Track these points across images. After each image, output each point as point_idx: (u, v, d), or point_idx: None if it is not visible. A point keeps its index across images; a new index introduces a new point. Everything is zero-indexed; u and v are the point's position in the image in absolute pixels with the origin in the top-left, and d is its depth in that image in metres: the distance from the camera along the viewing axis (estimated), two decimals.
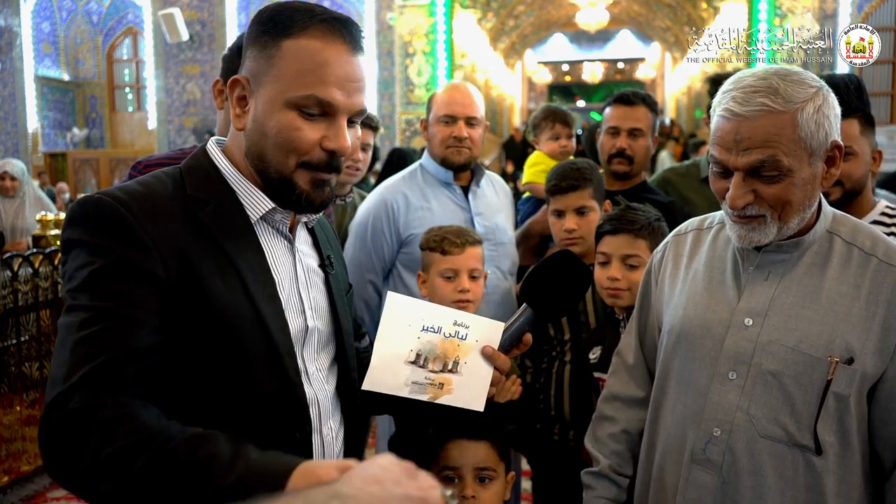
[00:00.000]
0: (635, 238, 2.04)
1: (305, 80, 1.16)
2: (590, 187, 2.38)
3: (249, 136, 1.21)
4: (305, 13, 1.18)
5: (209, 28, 12.63)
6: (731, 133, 1.34)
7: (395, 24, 12.02)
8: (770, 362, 1.37)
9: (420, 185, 2.62)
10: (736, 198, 1.36)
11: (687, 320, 1.49)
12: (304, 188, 1.20)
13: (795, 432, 1.36)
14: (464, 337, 1.31)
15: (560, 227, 2.39)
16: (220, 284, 1.14)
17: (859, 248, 1.40)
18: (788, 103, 1.31)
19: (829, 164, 1.37)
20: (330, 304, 1.34)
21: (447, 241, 2.13)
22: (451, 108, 2.54)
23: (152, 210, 1.14)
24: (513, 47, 20.93)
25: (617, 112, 2.76)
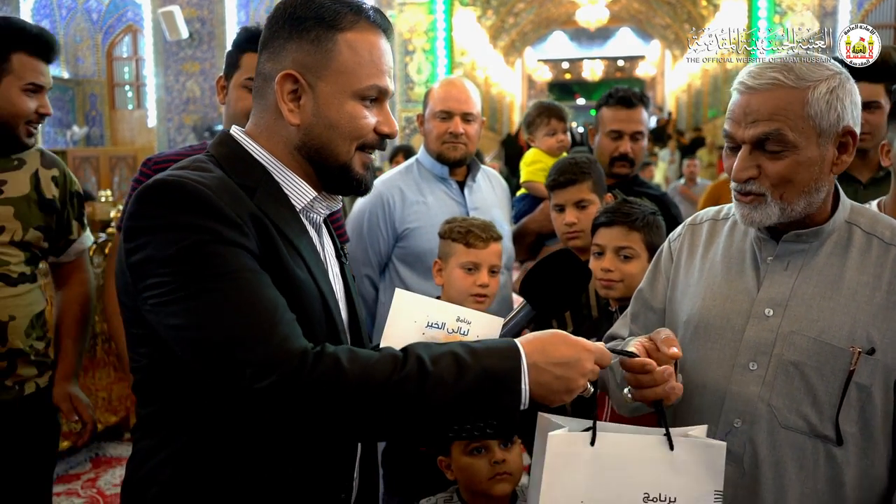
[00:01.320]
0: (630, 230, 2.06)
1: (367, 71, 1.23)
2: (588, 181, 2.40)
3: (310, 129, 1.23)
4: (346, 5, 1.24)
5: (209, 26, 12.64)
6: (742, 106, 1.35)
7: (394, 21, 12.02)
8: (791, 353, 1.36)
9: (416, 179, 2.63)
10: (739, 170, 1.36)
11: (706, 311, 1.48)
12: (359, 172, 1.28)
13: (817, 423, 1.34)
14: (465, 332, 1.32)
15: (561, 222, 2.42)
16: (294, 266, 1.18)
17: (879, 237, 1.39)
18: (801, 80, 1.31)
19: (842, 151, 1.36)
20: (346, 292, 1.38)
21: (472, 234, 2.14)
22: (447, 104, 2.55)
23: (228, 191, 1.15)
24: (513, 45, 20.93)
25: (619, 115, 2.75)
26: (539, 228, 2.78)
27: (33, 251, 2.13)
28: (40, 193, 2.13)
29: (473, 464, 1.79)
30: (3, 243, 2.05)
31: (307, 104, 1.22)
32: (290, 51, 1.22)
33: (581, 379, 1.15)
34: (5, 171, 2.09)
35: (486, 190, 2.71)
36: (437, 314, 1.30)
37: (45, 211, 2.13)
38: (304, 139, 1.24)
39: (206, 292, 1.07)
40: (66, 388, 2.21)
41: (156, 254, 1.09)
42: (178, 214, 1.09)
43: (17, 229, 2.07)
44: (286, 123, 1.24)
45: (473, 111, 2.57)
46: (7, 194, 2.06)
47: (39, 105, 2.09)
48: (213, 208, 1.10)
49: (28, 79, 2.05)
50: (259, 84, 1.28)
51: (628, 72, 27.97)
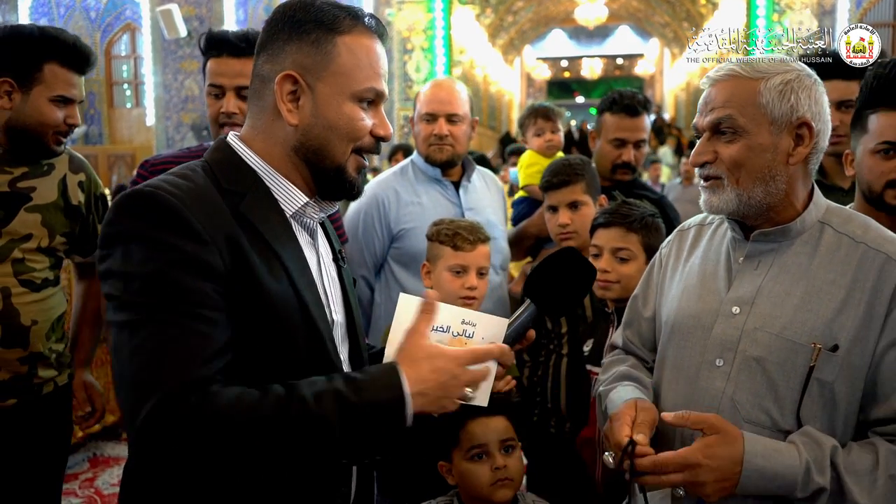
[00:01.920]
0: (627, 232, 2.06)
1: (364, 73, 1.26)
2: (582, 182, 2.41)
3: (308, 130, 1.25)
4: (343, 10, 1.26)
5: (207, 24, 12.61)
6: (703, 98, 1.46)
7: (393, 19, 12.00)
8: (755, 349, 1.39)
9: (411, 180, 2.62)
10: (696, 154, 1.45)
11: (680, 311, 1.53)
12: (353, 174, 1.29)
13: (779, 418, 1.37)
14: (470, 335, 1.31)
15: (555, 223, 2.43)
16: (269, 275, 1.18)
17: (849, 236, 1.41)
18: (756, 72, 1.40)
19: (798, 143, 1.40)
20: (344, 297, 1.39)
21: (460, 236, 2.13)
22: (431, 106, 2.54)
23: (203, 202, 1.15)
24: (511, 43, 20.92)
25: (623, 123, 2.74)
26: (538, 232, 2.78)
27: (57, 255, 2.16)
28: (67, 200, 2.15)
29: (474, 470, 1.79)
30: (30, 250, 2.07)
31: (306, 105, 1.24)
32: (289, 52, 1.24)
33: (459, 389, 1.20)
34: (35, 177, 2.10)
35: (482, 190, 2.71)
36: (441, 317, 1.28)
37: (70, 217, 2.16)
38: (301, 139, 1.25)
39: (139, 325, 1.08)
40: (81, 376, 2.32)
41: (117, 267, 1.11)
42: (146, 228, 1.11)
43: (43, 236, 2.09)
44: (284, 124, 1.25)
45: (459, 112, 2.54)
46: (36, 202, 2.08)
47: (68, 115, 2.09)
48: (180, 222, 1.11)
49: (58, 90, 2.06)
50: (256, 86, 1.28)
51: (627, 70, 27.97)
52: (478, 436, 1.80)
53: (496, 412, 1.80)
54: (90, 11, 13.93)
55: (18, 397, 2.05)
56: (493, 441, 1.79)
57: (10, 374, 2.03)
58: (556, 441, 2.26)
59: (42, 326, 2.08)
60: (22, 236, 2.05)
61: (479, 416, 1.79)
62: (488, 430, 1.80)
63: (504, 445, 1.81)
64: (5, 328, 2.01)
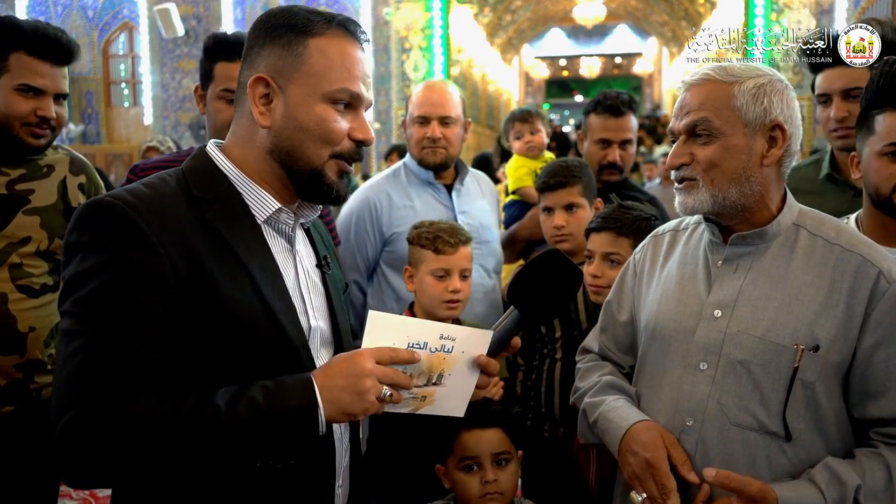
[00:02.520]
0: (618, 236, 2.06)
1: (337, 74, 1.24)
2: (579, 184, 2.40)
3: (280, 132, 1.25)
4: (319, 15, 1.26)
5: (205, 23, 12.59)
6: (679, 102, 1.49)
7: (391, 19, 11.99)
8: (738, 351, 1.41)
9: (403, 183, 2.60)
10: (673, 156, 1.47)
11: (660, 316, 1.54)
12: (332, 179, 1.27)
13: (765, 419, 1.39)
14: (450, 350, 1.27)
15: (549, 224, 2.42)
16: (231, 283, 1.18)
17: (824, 238, 1.44)
18: (729, 76, 1.43)
19: (771, 145, 1.43)
20: (328, 303, 1.38)
21: (441, 239, 2.11)
22: (423, 109, 2.52)
23: (162, 212, 1.16)
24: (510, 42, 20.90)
25: (607, 123, 2.74)
26: (529, 235, 2.77)
27: (56, 259, 2.11)
28: (67, 202, 2.11)
29: (465, 480, 1.78)
30: (28, 254, 2.04)
31: (277, 107, 1.24)
32: (263, 57, 1.25)
33: (365, 380, 1.16)
34: (34, 179, 2.06)
35: (475, 193, 2.69)
36: (417, 334, 1.25)
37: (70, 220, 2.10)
38: (274, 142, 1.25)
39: (75, 336, 1.11)
40: None
41: (69, 276, 1.14)
42: (99, 238, 1.13)
43: (42, 239, 2.06)
44: (259, 128, 1.25)
45: (452, 114, 2.53)
46: (34, 204, 2.04)
47: (38, 107, 2.00)
48: (133, 233, 1.12)
49: (23, 79, 1.98)
50: (238, 93, 1.30)
51: (626, 69, 27.96)
52: (470, 447, 1.78)
53: (492, 424, 1.79)
54: (87, 10, 13.90)
55: (16, 404, 2.03)
56: (486, 454, 1.78)
57: (7, 381, 2.01)
58: (550, 446, 2.25)
59: (40, 333, 2.05)
60: (20, 240, 2.02)
61: (474, 428, 1.77)
62: (481, 443, 1.78)
63: (497, 458, 1.78)
64: (2, 334, 1.99)
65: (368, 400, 1.16)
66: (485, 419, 1.80)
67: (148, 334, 1.12)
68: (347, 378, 1.16)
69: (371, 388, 1.16)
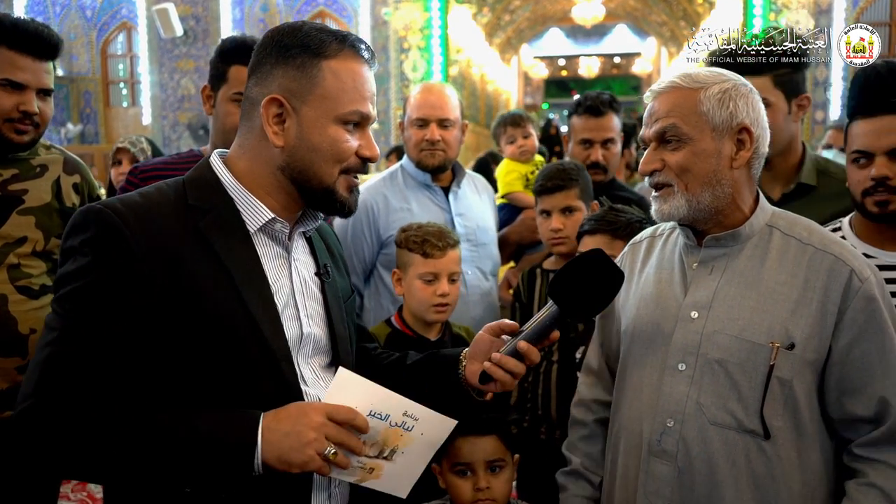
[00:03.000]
0: (612, 239, 2.07)
1: (349, 97, 1.28)
2: (576, 188, 2.41)
3: (293, 152, 1.28)
4: (331, 35, 1.29)
5: (203, 23, 12.59)
6: (648, 110, 1.52)
7: (389, 19, 11.98)
8: (715, 351, 1.43)
9: (400, 186, 2.61)
10: (644, 163, 1.51)
11: (639, 319, 1.56)
12: (344, 195, 1.32)
13: (743, 418, 1.41)
14: (409, 428, 1.25)
15: (547, 227, 2.42)
16: (215, 291, 1.20)
17: (797, 238, 1.47)
18: (695, 83, 1.47)
19: (739, 147, 1.47)
20: (326, 311, 1.39)
21: (429, 243, 2.10)
22: (422, 111, 2.52)
23: (149, 220, 1.20)
24: (508, 42, 20.89)
25: (588, 123, 2.77)
26: (519, 239, 2.78)
27: (54, 260, 2.10)
28: (61, 202, 2.10)
29: (458, 484, 1.78)
30: (25, 254, 2.03)
31: (291, 127, 1.27)
32: (276, 76, 1.28)
33: (310, 432, 1.13)
34: (27, 179, 2.05)
35: (472, 195, 2.69)
36: (382, 404, 1.22)
37: (65, 219, 2.09)
38: (287, 161, 1.28)
39: (51, 329, 1.17)
40: None
41: (60, 275, 1.20)
42: (86, 243, 1.18)
43: (39, 239, 2.05)
44: (270, 145, 1.28)
45: (450, 117, 2.53)
46: (28, 204, 2.03)
47: (20, 102, 1.97)
48: (117, 239, 1.17)
49: (3, 73, 1.95)
50: (246, 107, 1.32)
51: (624, 69, 27.96)
52: (464, 454, 1.77)
53: (487, 432, 1.78)
54: (86, 10, 13.88)
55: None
56: (479, 461, 1.77)
57: (8, 384, 1.99)
58: (546, 448, 2.25)
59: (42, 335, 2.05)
60: (16, 240, 2.01)
61: (469, 435, 1.76)
62: (475, 450, 1.77)
63: (490, 465, 1.77)
64: (3, 336, 1.98)
65: (308, 453, 1.13)
66: (480, 426, 1.79)
67: (119, 336, 1.15)
68: (294, 425, 1.14)
69: (313, 442, 1.13)
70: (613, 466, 1.61)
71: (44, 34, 2.02)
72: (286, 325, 1.28)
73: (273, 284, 1.28)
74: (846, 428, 1.43)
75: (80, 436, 1.12)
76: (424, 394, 1.42)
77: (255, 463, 1.13)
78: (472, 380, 1.43)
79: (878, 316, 1.40)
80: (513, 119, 3.49)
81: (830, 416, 1.44)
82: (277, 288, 1.29)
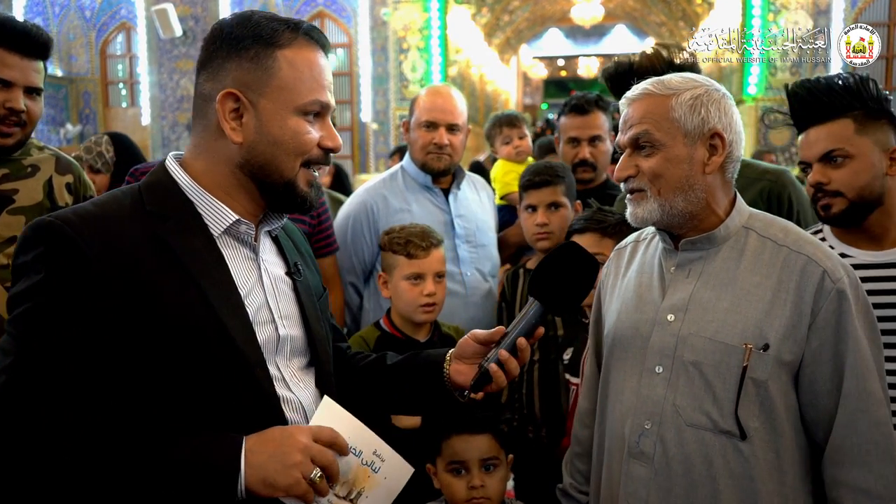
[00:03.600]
0: (602, 237, 2.10)
1: (307, 86, 1.23)
2: (562, 184, 2.46)
3: (252, 147, 1.22)
4: (282, 23, 1.23)
5: (203, 24, 12.58)
6: (623, 117, 1.54)
7: (389, 19, 11.98)
8: (690, 353, 1.44)
9: (400, 187, 2.61)
10: (619, 169, 1.52)
11: (619, 324, 1.57)
12: (304, 189, 1.27)
13: (719, 419, 1.41)
14: (376, 469, 1.24)
15: (532, 222, 2.45)
16: (180, 300, 1.15)
17: (772, 240, 1.48)
18: (667, 89, 1.49)
19: (711, 153, 1.48)
20: (300, 310, 1.35)
21: (412, 244, 2.11)
22: (432, 115, 2.53)
23: (104, 231, 1.14)
24: (508, 42, 20.89)
25: (574, 122, 2.81)
26: (519, 241, 2.79)
27: None
28: (53, 201, 2.09)
29: (453, 483, 1.79)
30: None
31: (249, 122, 1.22)
32: (229, 70, 1.22)
33: (296, 454, 1.10)
34: (18, 178, 2.04)
35: (472, 197, 2.70)
36: (357, 440, 1.22)
37: None
38: (246, 157, 1.23)
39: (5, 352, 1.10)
40: None
41: (12, 295, 1.14)
42: (38, 259, 1.11)
43: None
44: (228, 142, 1.23)
45: (459, 122, 2.56)
46: (19, 203, 2.02)
47: (6, 99, 1.95)
48: (71, 252, 1.10)
49: None
50: (199, 104, 1.27)
51: None
52: (458, 452, 1.79)
53: (481, 430, 1.80)
54: (85, 10, 13.88)
55: None
56: (474, 459, 1.78)
57: None
58: (536, 447, 2.27)
59: None
60: (6, 240, 1.99)
61: (463, 433, 1.77)
62: (470, 448, 1.79)
63: (485, 464, 1.79)
64: None
65: (294, 475, 1.09)
66: (474, 425, 1.80)
67: (80, 357, 1.09)
68: (279, 447, 1.10)
69: (300, 464, 1.10)
70: (598, 468, 1.62)
71: (32, 32, 2.01)
72: (260, 329, 1.24)
73: (242, 288, 1.23)
74: (819, 433, 1.44)
75: (47, 472, 1.06)
76: (405, 393, 1.43)
77: (238, 488, 1.08)
78: (458, 379, 1.41)
79: (848, 318, 1.40)
80: (508, 119, 3.51)
81: (804, 417, 1.44)
82: (247, 291, 1.24)
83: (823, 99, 1.81)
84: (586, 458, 1.72)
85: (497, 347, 1.38)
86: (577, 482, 1.74)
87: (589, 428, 1.72)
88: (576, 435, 1.78)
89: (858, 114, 1.81)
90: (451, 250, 2.52)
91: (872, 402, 1.39)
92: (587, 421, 1.74)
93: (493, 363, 1.36)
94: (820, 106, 1.81)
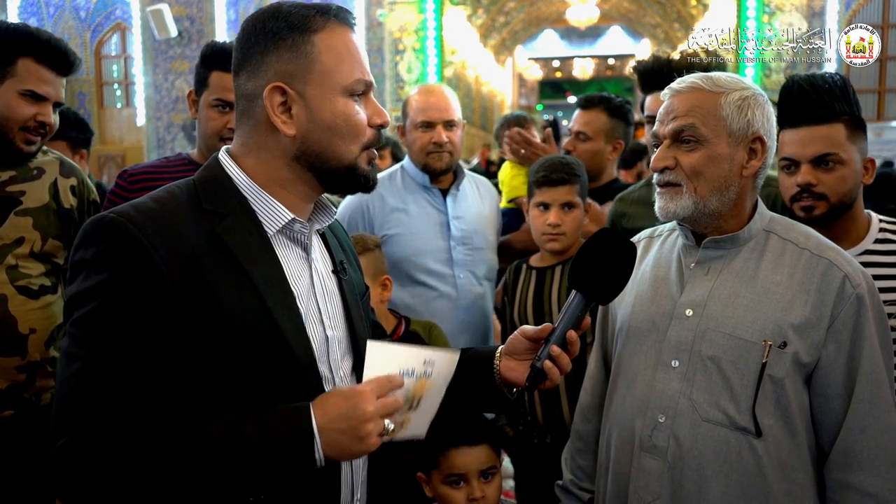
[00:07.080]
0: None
1: (349, 66, 1.23)
2: (578, 183, 2.34)
3: (306, 137, 1.22)
4: (312, 9, 1.23)
5: (198, 24, 12.56)
6: (665, 107, 1.52)
7: (384, 20, 11.98)
8: (709, 349, 1.44)
9: (398, 186, 2.60)
10: (657, 159, 1.51)
11: (634, 316, 1.57)
12: (365, 169, 1.27)
13: (735, 415, 1.42)
14: (430, 374, 1.26)
15: (543, 221, 2.31)
16: (236, 300, 1.15)
17: (793, 243, 1.49)
18: (717, 86, 1.48)
19: (751, 156, 1.48)
20: (344, 309, 1.35)
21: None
22: (427, 114, 2.52)
23: (167, 227, 1.13)
24: (503, 43, 20.91)
25: (578, 117, 2.91)
26: (524, 247, 2.69)
27: (53, 262, 2.12)
28: (59, 203, 2.12)
29: (452, 495, 1.77)
30: (23, 255, 2.04)
31: (300, 112, 1.21)
32: (270, 63, 1.21)
33: (367, 424, 1.11)
34: (24, 181, 2.07)
35: (472, 198, 2.67)
36: (406, 361, 1.23)
37: (63, 221, 2.12)
38: (301, 147, 1.23)
39: (73, 358, 1.09)
40: None
41: (72, 293, 1.12)
42: (101, 256, 1.10)
43: (36, 240, 2.06)
44: (280, 137, 1.22)
45: (455, 118, 2.55)
46: (26, 205, 2.05)
47: (39, 113, 2.03)
48: (135, 250, 1.09)
49: (28, 85, 2.01)
50: (243, 105, 1.26)
51: (618, 70, 28.00)
52: (457, 465, 1.77)
53: (479, 441, 1.79)
54: (80, 11, 13.85)
55: (15, 409, 2.02)
56: (473, 471, 1.77)
57: (8, 383, 2.00)
58: (539, 453, 2.25)
59: (41, 335, 2.05)
60: (13, 241, 2.02)
61: (461, 445, 1.76)
62: (469, 460, 1.77)
63: (483, 473, 1.78)
64: (3, 336, 1.99)
65: (370, 442, 1.12)
66: (473, 435, 1.79)
67: (146, 358, 1.09)
68: (349, 421, 1.11)
69: (373, 431, 1.12)
70: (605, 461, 1.62)
71: (69, 53, 2.10)
72: (312, 330, 1.24)
73: (294, 288, 1.23)
74: (826, 438, 1.45)
75: (128, 465, 1.06)
76: (454, 389, 1.38)
77: (316, 455, 1.10)
78: (509, 376, 1.40)
79: (865, 323, 1.41)
80: (517, 120, 3.49)
81: (815, 418, 1.45)
82: (299, 291, 1.24)
83: (825, 99, 1.80)
84: (588, 453, 1.72)
85: (547, 344, 1.36)
86: (578, 478, 1.74)
87: (592, 423, 1.72)
88: (577, 430, 1.77)
89: (848, 119, 1.82)
90: (445, 252, 2.50)
91: (884, 407, 1.41)
92: (590, 416, 1.73)
93: (546, 360, 1.34)
94: (821, 105, 1.80)
